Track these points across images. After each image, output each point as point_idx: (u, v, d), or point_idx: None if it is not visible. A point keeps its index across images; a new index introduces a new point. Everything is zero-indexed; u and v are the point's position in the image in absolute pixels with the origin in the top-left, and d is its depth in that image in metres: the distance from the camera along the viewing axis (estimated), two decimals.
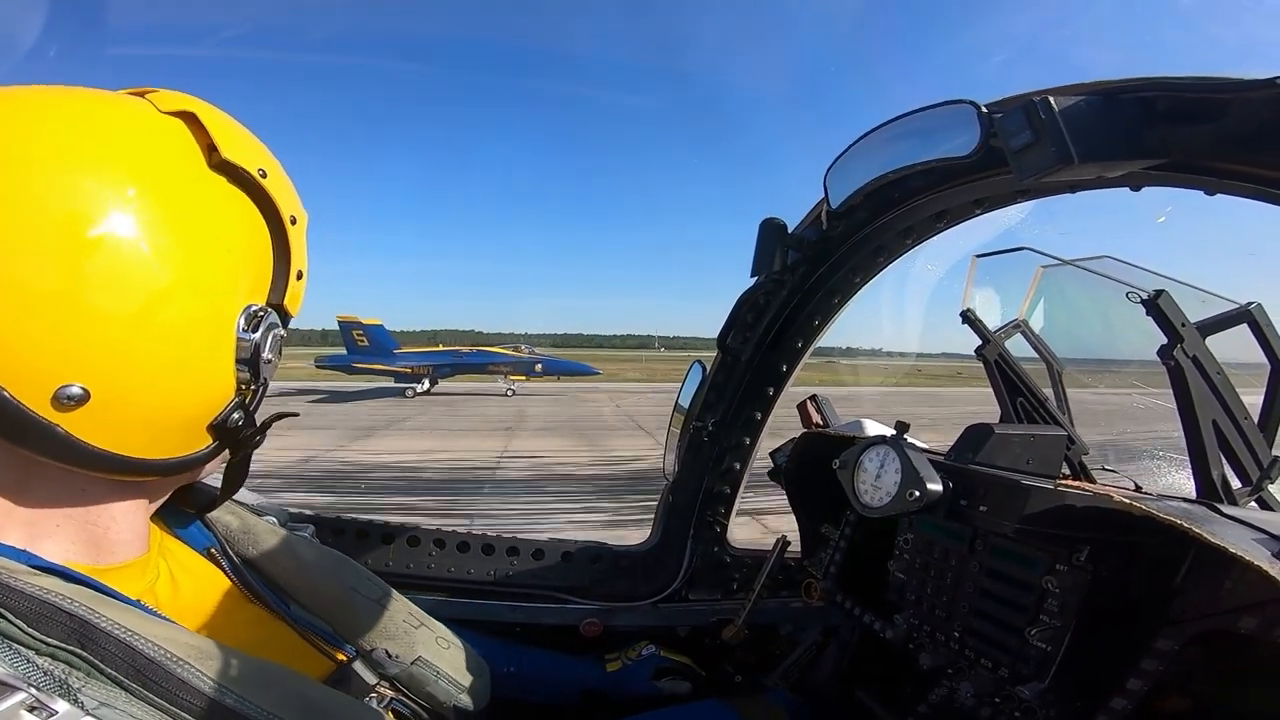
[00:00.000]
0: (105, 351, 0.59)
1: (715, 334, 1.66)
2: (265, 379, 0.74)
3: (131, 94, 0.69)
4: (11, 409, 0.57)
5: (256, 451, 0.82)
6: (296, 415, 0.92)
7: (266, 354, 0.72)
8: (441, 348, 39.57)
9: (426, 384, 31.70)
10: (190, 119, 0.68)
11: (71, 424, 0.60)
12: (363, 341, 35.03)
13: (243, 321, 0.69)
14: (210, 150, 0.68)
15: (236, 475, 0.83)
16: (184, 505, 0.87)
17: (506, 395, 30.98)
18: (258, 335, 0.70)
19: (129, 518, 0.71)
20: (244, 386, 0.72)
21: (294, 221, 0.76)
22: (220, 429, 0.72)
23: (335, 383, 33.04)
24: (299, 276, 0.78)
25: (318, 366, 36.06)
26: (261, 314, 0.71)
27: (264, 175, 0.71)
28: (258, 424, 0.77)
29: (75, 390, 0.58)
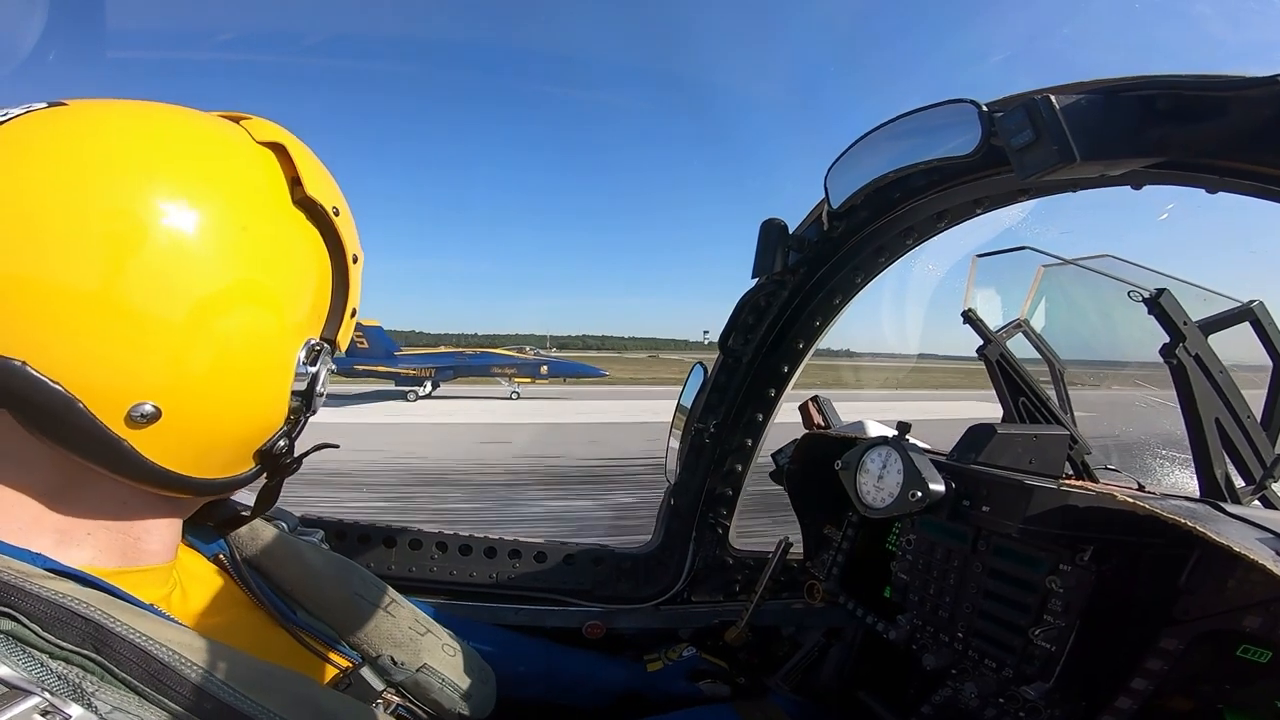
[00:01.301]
0: (181, 372, 0.60)
1: (620, 332, 1.65)
2: (314, 410, 0.76)
3: (226, 118, 0.71)
4: (86, 422, 0.57)
5: None
6: (337, 447, 0.92)
7: (320, 387, 0.75)
8: (444, 349, 39.23)
9: (429, 386, 31.49)
10: (280, 150, 0.70)
11: (139, 440, 0.60)
12: (362, 343, 34.58)
13: (303, 354, 0.71)
14: (294, 184, 0.70)
15: (269, 498, 0.85)
16: (206, 519, 0.87)
17: (511, 399, 30.75)
18: (315, 368, 0.73)
19: (161, 531, 0.72)
20: (293, 416, 0.74)
21: (356, 260, 0.78)
22: (265, 455, 0.74)
23: (330, 385, 32.22)
24: (352, 314, 0.80)
25: None
26: (319, 348, 0.73)
27: (337, 214, 0.73)
28: (297, 453, 0.79)
29: (149, 408, 0.59)
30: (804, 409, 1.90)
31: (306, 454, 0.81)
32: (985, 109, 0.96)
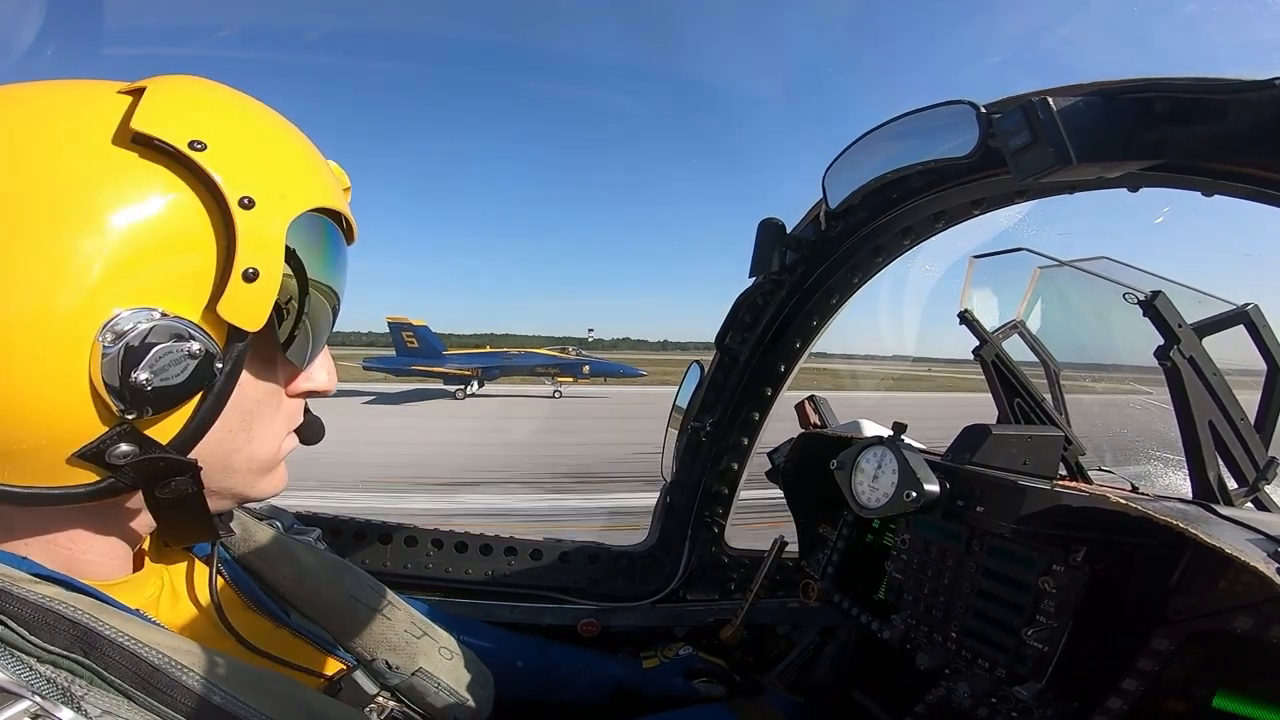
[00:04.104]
0: None
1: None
2: (155, 406, 0.56)
3: (133, 86, 0.61)
4: None
5: None
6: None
7: (142, 374, 0.54)
8: (490, 349, 39.47)
9: (475, 385, 31.57)
10: (140, 94, 0.57)
11: None
12: (412, 343, 34.72)
13: (109, 334, 0.53)
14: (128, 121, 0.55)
15: (179, 521, 0.65)
16: None
17: (554, 398, 30.73)
18: (119, 348, 0.53)
19: (93, 541, 0.66)
20: (124, 413, 0.55)
21: (248, 205, 0.57)
22: (99, 461, 0.56)
23: (370, 384, 32.18)
24: (246, 276, 0.57)
25: (365, 368, 34.51)
26: (139, 323, 0.53)
27: (200, 148, 0.55)
28: (185, 459, 0.60)
29: None
30: (800, 408, 1.90)
31: (196, 468, 0.62)
32: (983, 110, 0.97)
